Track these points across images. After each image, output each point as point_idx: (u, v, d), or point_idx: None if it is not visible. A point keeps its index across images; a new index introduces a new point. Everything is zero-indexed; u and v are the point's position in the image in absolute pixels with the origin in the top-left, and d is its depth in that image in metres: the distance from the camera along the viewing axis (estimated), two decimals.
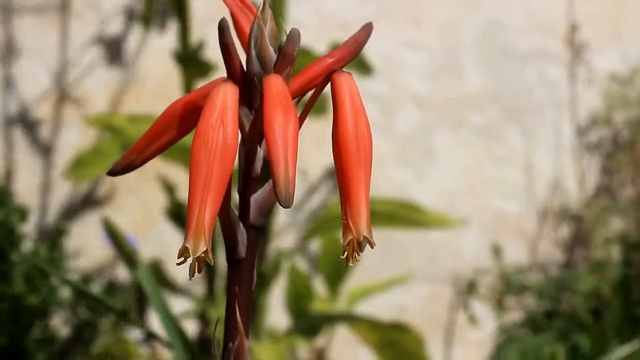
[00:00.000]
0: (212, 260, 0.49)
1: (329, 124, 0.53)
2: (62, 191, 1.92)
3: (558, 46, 2.05)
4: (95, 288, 1.61)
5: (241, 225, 0.56)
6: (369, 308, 1.88)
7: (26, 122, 1.92)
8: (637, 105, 2.01)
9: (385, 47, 1.99)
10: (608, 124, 2.05)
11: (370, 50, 1.81)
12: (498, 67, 2.03)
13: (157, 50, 1.94)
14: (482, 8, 2.03)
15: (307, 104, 0.54)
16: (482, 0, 2.04)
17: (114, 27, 1.95)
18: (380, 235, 1.90)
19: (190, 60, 1.57)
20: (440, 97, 2.01)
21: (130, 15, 1.94)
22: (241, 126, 0.54)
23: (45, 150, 1.91)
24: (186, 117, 0.54)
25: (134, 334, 1.85)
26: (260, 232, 0.57)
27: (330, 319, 1.67)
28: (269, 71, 0.54)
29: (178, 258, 0.49)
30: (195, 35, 1.68)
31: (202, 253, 0.49)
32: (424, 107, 2.01)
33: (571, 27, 2.04)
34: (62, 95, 1.92)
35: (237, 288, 0.56)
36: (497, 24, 2.03)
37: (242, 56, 0.55)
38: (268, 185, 0.56)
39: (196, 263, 0.50)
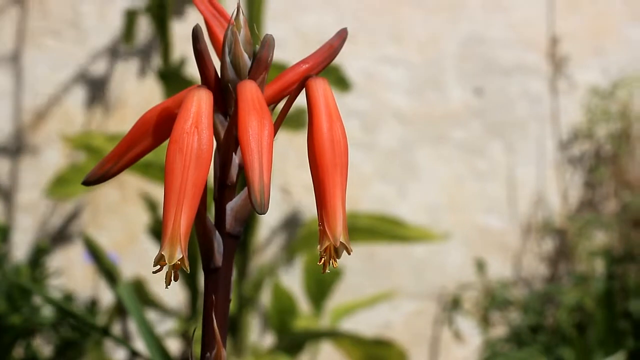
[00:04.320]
0: (188, 268, 0.49)
1: None
2: (43, 211, 1.91)
3: (539, 60, 2.06)
4: (78, 308, 1.60)
5: (217, 233, 0.55)
6: (353, 325, 1.87)
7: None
8: (618, 119, 2.02)
9: (365, 63, 1.99)
10: (590, 137, 2.05)
11: (351, 66, 1.81)
12: (479, 81, 2.03)
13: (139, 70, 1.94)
14: (463, 22, 2.04)
15: (282, 110, 0.54)
16: (462, 15, 2.04)
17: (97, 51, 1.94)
18: (364, 251, 1.90)
19: (171, 77, 1.56)
20: (421, 112, 2.01)
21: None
22: (216, 133, 0.54)
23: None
24: (161, 125, 0.54)
25: (117, 355, 1.84)
26: (236, 240, 0.56)
27: (314, 336, 1.66)
28: (243, 77, 0.53)
29: (154, 266, 0.49)
30: (177, 53, 1.68)
31: (178, 260, 0.48)
32: (405, 123, 2.01)
33: (552, 40, 2.04)
34: (42, 114, 1.91)
35: (214, 297, 0.56)
36: (477, 39, 2.03)
37: (218, 64, 0.55)
38: (244, 193, 0.55)
39: (172, 271, 0.49)
